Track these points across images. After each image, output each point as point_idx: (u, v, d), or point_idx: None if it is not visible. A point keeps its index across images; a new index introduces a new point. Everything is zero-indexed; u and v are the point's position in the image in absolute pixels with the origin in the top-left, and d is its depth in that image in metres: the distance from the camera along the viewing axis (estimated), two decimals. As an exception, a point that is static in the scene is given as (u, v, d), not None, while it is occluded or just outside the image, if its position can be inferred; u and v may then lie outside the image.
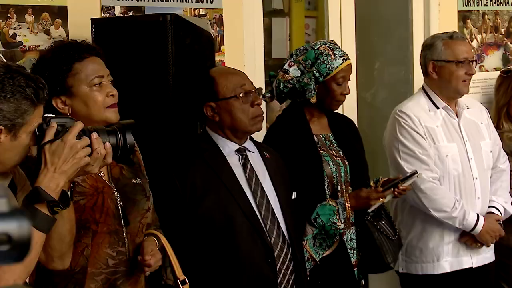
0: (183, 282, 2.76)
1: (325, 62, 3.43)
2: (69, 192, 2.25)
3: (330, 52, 3.45)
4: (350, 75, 3.53)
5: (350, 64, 3.51)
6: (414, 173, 3.46)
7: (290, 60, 3.53)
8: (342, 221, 3.35)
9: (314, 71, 3.43)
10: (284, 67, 3.51)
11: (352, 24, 4.84)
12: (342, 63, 3.44)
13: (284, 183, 3.23)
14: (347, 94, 3.51)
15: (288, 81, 3.47)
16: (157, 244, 2.73)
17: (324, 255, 3.38)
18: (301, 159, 3.40)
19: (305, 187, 3.36)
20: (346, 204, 3.35)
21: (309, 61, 3.46)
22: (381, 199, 3.38)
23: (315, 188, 3.40)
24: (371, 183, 3.45)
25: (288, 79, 3.48)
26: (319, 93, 3.45)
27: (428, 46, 3.97)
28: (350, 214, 3.38)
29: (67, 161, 2.20)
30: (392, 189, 3.38)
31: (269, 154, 3.26)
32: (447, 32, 3.98)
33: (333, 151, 3.51)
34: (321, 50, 3.46)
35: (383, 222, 3.55)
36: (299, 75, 3.47)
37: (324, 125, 3.59)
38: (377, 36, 5.38)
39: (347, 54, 3.52)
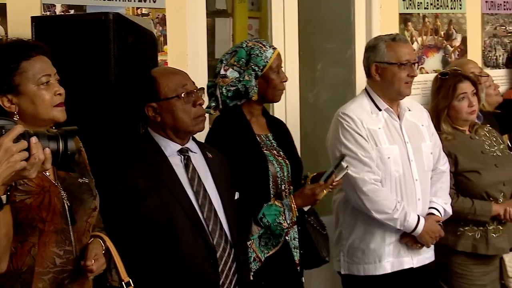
0: (128, 284, 2.75)
1: (259, 55, 3.49)
2: (4, 196, 2.20)
3: (260, 45, 3.53)
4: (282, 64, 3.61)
5: (279, 52, 3.58)
6: (343, 156, 3.53)
7: (222, 65, 3.54)
8: (288, 222, 3.38)
9: (252, 66, 3.48)
10: (220, 73, 3.52)
11: (295, 25, 4.86)
12: (274, 52, 3.53)
13: (227, 184, 3.22)
14: (286, 81, 3.58)
15: (230, 84, 3.48)
16: (103, 247, 2.73)
17: (268, 254, 3.39)
18: (245, 159, 3.40)
19: (250, 187, 3.36)
20: (292, 205, 3.39)
21: (243, 59, 3.51)
22: (324, 191, 3.42)
23: (260, 188, 3.42)
24: (302, 181, 3.52)
25: (228, 82, 3.48)
26: (260, 87, 3.49)
27: (371, 48, 4.00)
28: (296, 214, 3.41)
29: (1, 164, 2.14)
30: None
31: (212, 154, 3.25)
32: (390, 34, 4.01)
33: (275, 151, 3.53)
34: (251, 46, 3.52)
35: (312, 218, 3.62)
36: (238, 76, 3.48)
37: (263, 125, 3.61)
38: (319, 37, 5.41)
39: (272, 44, 3.62)
